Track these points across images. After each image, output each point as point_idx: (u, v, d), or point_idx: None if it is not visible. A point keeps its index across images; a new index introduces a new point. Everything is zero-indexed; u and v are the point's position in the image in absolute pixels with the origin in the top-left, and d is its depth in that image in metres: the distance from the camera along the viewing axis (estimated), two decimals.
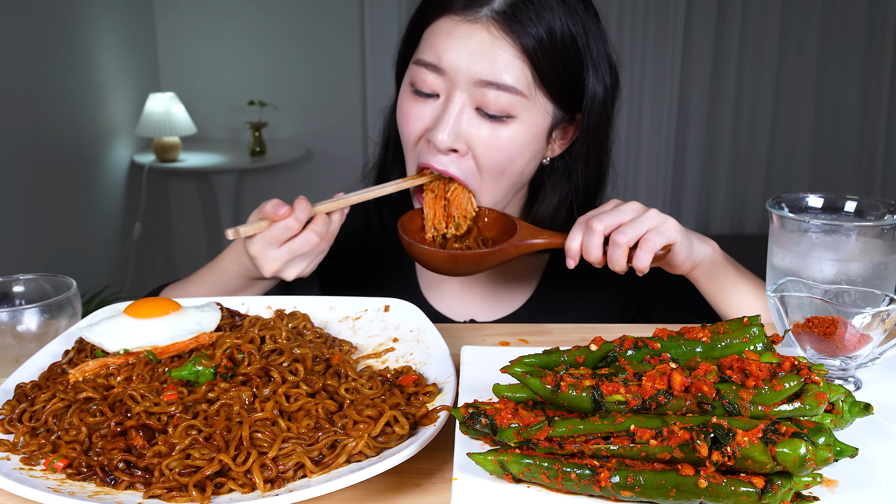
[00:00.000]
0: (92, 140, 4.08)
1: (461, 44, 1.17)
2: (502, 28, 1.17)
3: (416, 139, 1.25)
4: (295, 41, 4.74)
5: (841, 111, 4.89)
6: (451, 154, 1.22)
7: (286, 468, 0.78)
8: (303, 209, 1.14)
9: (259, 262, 1.15)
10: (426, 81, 1.21)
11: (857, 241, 1.00)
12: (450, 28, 1.19)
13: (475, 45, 1.17)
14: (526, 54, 1.17)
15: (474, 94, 1.19)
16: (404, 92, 1.26)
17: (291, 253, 1.14)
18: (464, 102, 1.19)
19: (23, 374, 0.98)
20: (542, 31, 1.18)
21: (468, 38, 1.17)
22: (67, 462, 0.81)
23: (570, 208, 1.35)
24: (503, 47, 1.17)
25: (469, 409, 0.78)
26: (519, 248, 1.19)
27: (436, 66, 1.19)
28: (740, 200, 5.06)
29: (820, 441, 0.68)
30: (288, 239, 1.13)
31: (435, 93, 1.22)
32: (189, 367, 0.92)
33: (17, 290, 1.17)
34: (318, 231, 1.15)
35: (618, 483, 0.70)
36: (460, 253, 1.20)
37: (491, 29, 1.17)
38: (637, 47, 4.77)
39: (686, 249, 1.15)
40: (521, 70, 1.18)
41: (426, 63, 1.21)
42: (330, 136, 4.75)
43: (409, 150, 1.27)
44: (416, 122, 1.24)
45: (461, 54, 1.17)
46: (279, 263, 1.14)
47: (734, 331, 0.81)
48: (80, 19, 3.94)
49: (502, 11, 1.17)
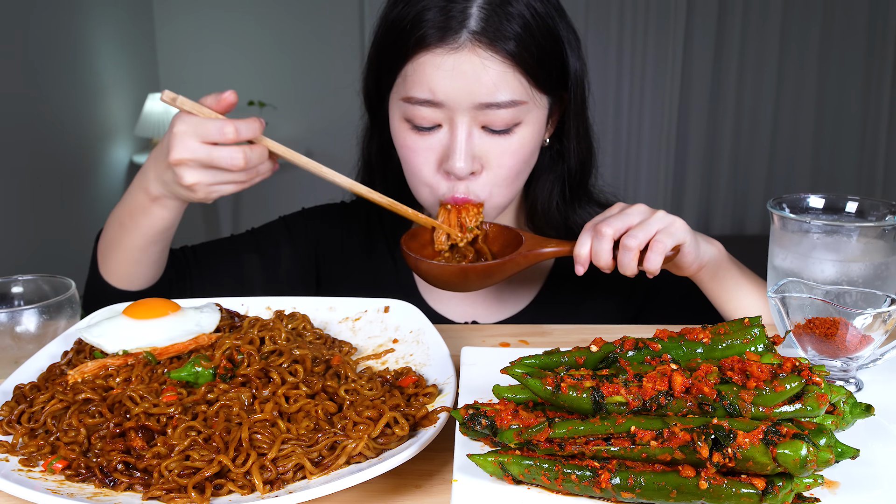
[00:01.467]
0: (91, 140, 4.08)
1: (452, 75, 1.14)
2: (487, 46, 1.14)
3: (431, 171, 1.22)
4: (295, 41, 4.74)
5: (842, 111, 4.90)
6: (469, 178, 1.20)
7: (286, 469, 0.78)
8: (250, 127, 1.05)
9: (173, 143, 1.04)
10: (424, 116, 1.18)
11: (859, 242, 1.00)
12: (436, 62, 1.15)
13: (467, 71, 1.14)
14: (514, 61, 1.15)
15: (476, 116, 1.16)
16: (401, 129, 1.22)
17: (209, 157, 1.04)
18: (469, 126, 1.17)
19: (21, 375, 0.97)
20: (519, 27, 1.15)
21: (457, 66, 1.14)
22: (66, 463, 0.80)
23: (563, 189, 1.35)
24: (492, 64, 1.14)
25: (469, 410, 0.78)
26: (528, 257, 1.18)
27: (431, 100, 1.16)
28: (741, 201, 5.07)
29: (821, 442, 0.68)
30: (215, 143, 1.04)
31: (436, 124, 1.19)
32: (188, 368, 0.92)
33: (15, 291, 1.16)
34: (248, 157, 1.05)
35: (618, 484, 0.70)
36: (470, 266, 1.17)
37: (477, 51, 1.14)
38: (637, 49, 4.78)
39: (694, 250, 1.15)
40: (514, 79, 1.16)
41: (420, 100, 1.17)
42: (330, 136, 4.74)
43: (422, 181, 1.24)
44: (427, 155, 1.21)
45: (456, 85, 1.14)
46: (190, 155, 1.04)
47: (735, 332, 0.80)
48: (79, 20, 3.94)
49: (481, 30, 1.14)
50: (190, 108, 1.05)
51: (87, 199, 4.01)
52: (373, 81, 1.30)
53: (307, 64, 4.75)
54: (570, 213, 1.37)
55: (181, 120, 1.05)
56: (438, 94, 1.15)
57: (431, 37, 1.15)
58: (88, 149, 4.05)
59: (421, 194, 1.27)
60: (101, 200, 4.13)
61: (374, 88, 1.31)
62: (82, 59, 3.97)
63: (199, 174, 1.06)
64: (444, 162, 1.20)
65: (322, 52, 4.73)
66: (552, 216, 1.36)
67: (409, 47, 1.17)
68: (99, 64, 4.11)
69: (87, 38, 4.00)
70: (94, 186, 4.08)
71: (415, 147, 1.21)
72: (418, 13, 1.16)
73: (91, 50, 4.04)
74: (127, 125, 4.38)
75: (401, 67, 1.19)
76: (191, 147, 1.04)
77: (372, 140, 1.39)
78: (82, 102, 3.98)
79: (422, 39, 1.15)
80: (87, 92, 4.02)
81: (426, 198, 1.26)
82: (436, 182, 1.22)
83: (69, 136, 3.87)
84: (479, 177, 1.21)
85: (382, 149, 1.37)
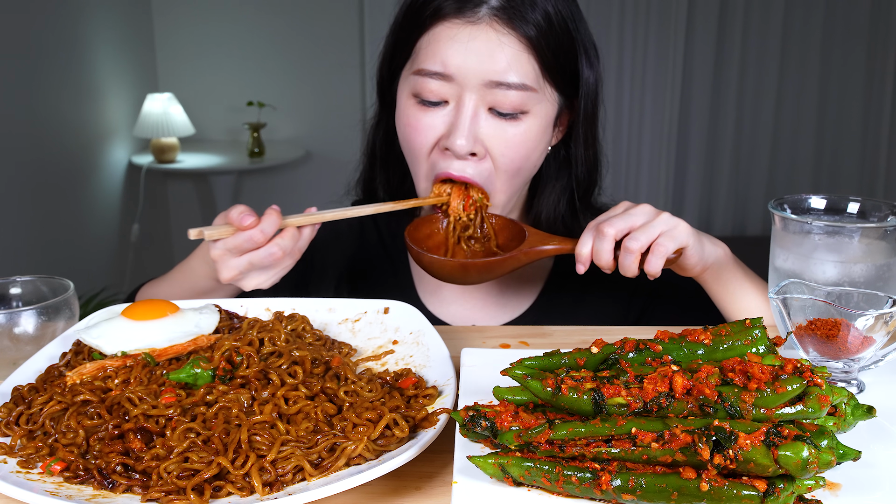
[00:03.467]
0: (89, 141, 4.08)
1: (466, 47, 1.15)
2: (505, 23, 1.15)
3: (428, 150, 1.22)
4: (294, 41, 4.74)
5: (844, 112, 4.90)
6: (469, 159, 1.20)
7: (285, 471, 0.78)
8: (271, 222, 1.10)
9: (218, 267, 1.12)
10: (432, 90, 1.18)
11: (860, 243, 1.00)
12: (451, 33, 1.16)
13: (481, 46, 1.15)
14: (530, 45, 1.16)
15: (485, 95, 1.17)
16: (407, 104, 1.23)
17: (252, 264, 1.11)
18: (476, 104, 1.18)
19: (20, 376, 0.97)
20: (540, 16, 1.17)
21: (473, 40, 1.15)
22: (65, 465, 0.80)
23: (571, 196, 1.35)
24: (508, 42, 1.15)
25: (469, 411, 0.78)
26: (529, 254, 1.18)
27: (441, 73, 1.17)
28: (742, 202, 5.06)
29: (822, 444, 0.68)
30: (250, 249, 1.10)
31: (443, 100, 1.19)
32: (187, 369, 0.92)
33: (14, 292, 1.16)
34: (283, 246, 1.11)
35: (619, 486, 0.70)
36: (471, 262, 1.17)
37: (494, 26, 1.15)
38: (639, 48, 4.77)
39: (698, 253, 1.14)
40: (528, 63, 1.17)
41: (430, 72, 1.18)
42: (329, 137, 4.75)
43: (420, 162, 1.24)
44: (427, 133, 1.21)
45: (468, 57, 1.15)
46: (237, 272, 1.11)
47: (736, 333, 0.80)
48: (77, 20, 3.94)
49: (501, 7, 1.16)
50: (216, 235, 1.10)
51: (85, 200, 4.01)
52: (387, 61, 1.31)
53: (307, 64, 4.74)
54: (575, 224, 1.37)
55: (213, 247, 1.12)
56: (450, 67, 1.16)
57: (449, 7, 1.17)
58: (87, 149, 4.05)
59: (418, 171, 1.26)
60: (99, 201, 4.13)
61: (387, 69, 1.32)
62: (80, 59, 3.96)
63: (253, 279, 1.14)
64: (445, 139, 1.20)
65: (322, 52, 4.73)
66: (556, 226, 1.36)
67: (425, 18, 1.19)
68: (97, 64, 4.11)
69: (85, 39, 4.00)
70: (92, 187, 4.07)
71: (417, 124, 1.21)
72: None
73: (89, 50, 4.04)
74: (125, 126, 4.37)
75: (416, 40, 1.21)
76: (233, 265, 1.11)
77: (378, 126, 1.39)
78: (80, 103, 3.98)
79: (439, 9, 1.18)
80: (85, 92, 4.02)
81: (422, 173, 1.26)
82: (433, 159, 1.23)
83: (68, 137, 3.86)
84: (480, 162, 1.21)
85: (387, 136, 1.37)
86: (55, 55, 3.72)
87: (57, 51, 3.74)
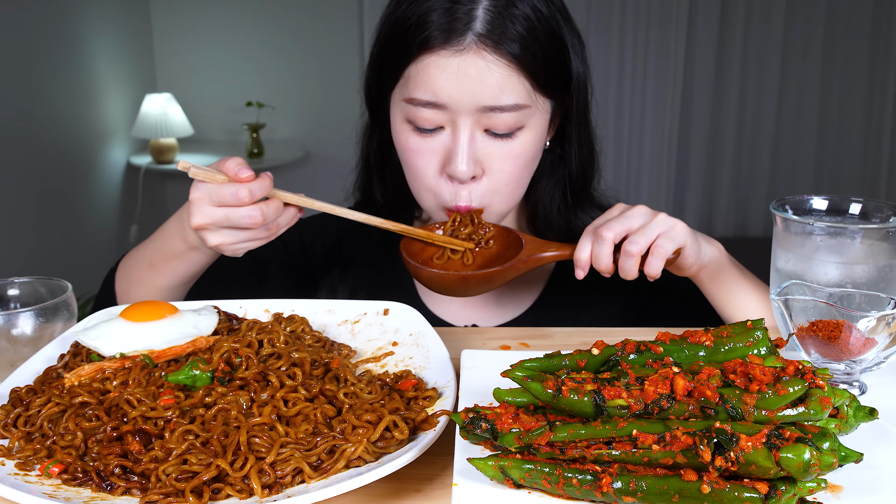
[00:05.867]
0: (88, 142, 4.07)
1: (456, 77, 1.13)
2: (492, 48, 1.13)
3: (434, 174, 1.21)
4: (293, 41, 4.74)
5: (845, 112, 4.89)
6: (470, 182, 1.20)
7: (284, 473, 0.77)
8: (262, 186, 1.06)
9: (192, 209, 1.08)
10: (426, 118, 1.17)
11: (862, 244, 0.99)
12: (440, 64, 1.14)
13: (471, 74, 1.13)
14: (519, 65, 1.14)
15: (479, 119, 1.16)
16: (403, 129, 1.22)
17: (227, 219, 1.06)
18: (472, 129, 1.17)
19: (18, 378, 0.97)
20: (523, 28, 1.15)
21: (462, 70, 1.13)
22: (63, 467, 0.80)
23: (565, 193, 1.35)
24: (497, 68, 1.13)
25: (469, 413, 0.78)
26: (528, 262, 1.17)
27: (434, 102, 1.15)
28: (744, 202, 5.06)
29: (824, 446, 0.68)
30: (231, 205, 1.06)
31: (438, 126, 1.18)
32: (186, 371, 0.91)
33: (11, 294, 1.16)
34: (266, 213, 1.07)
35: (620, 489, 0.70)
36: (471, 274, 1.17)
37: (482, 54, 1.13)
38: (639, 48, 4.77)
39: (695, 252, 1.14)
40: (519, 83, 1.15)
41: (423, 102, 1.16)
42: (328, 137, 4.74)
43: (424, 186, 1.24)
44: (429, 158, 1.20)
45: (460, 87, 1.14)
46: (208, 220, 1.06)
47: (737, 334, 0.80)
48: (76, 20, 3.94)
49: (486, 32, 1.13)
50: (203, 176, 1.06)
51: (83, 201, 4.01)
52: (374, 80, 1.29)
53: (306, 64, 4.74)
54: (572, 217, 1.36)
55: (196, 188, 1.07)
56: (441, 97, 1.15)
57: (436, 38, 1.14)
58: (85, 150, 4.04)
59: (424, 199, 1.26)
60: (97, 201, 4.12)
61: (375, 87, 1.30)
62: (79, 59, 3.96)
63: (221, 236, 1.09)
64: (446, 165, 1.19)
65: (321, 52, 4.73)
66: (553, 220, 1.36)
67: (412, 48, 1.16)
68: (95, 65, 4.11)
69: (83, 39, 4.00)
70: (90, 188, 4.07)
71: (417, 149, 1.21)
72: (423, 14, 1.15)
73: (88, 50, 4.04)
74: (124, 126, 4.37)
75: (404, 68, 1.19)
76: (208, 212, 1.06)
77: (371, 139, 1.38)
78: (78, 103, 3.97)
79: (426, 41, 1.15)
80: (84, 93, 4.02)
81: (429, 202, 1.25)
82: (439, 187, 1.22)
83: (65, 138, 3.86)
84: (479, 182, 1.20)
85: (382, 148, 1.37)
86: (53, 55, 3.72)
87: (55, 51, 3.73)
